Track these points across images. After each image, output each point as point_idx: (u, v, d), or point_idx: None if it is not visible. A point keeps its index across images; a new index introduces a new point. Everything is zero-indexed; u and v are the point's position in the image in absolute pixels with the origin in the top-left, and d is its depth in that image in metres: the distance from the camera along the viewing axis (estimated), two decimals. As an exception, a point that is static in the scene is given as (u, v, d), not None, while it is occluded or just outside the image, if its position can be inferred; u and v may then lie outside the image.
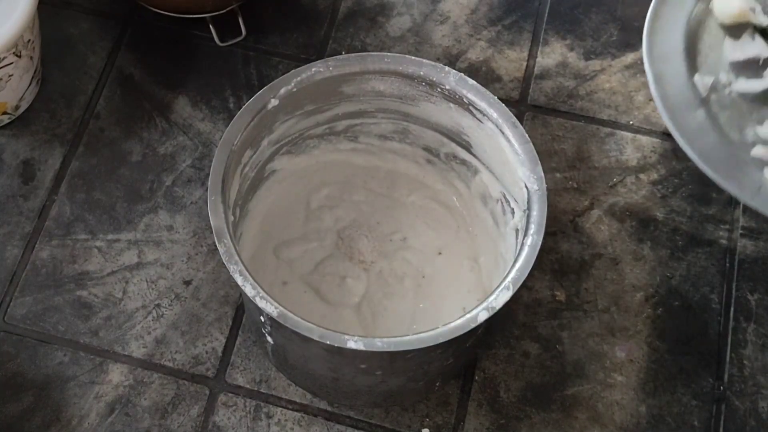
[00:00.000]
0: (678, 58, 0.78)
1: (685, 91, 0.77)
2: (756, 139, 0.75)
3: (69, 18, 0.92)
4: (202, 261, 0.81)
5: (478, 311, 0.62)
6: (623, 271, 0.80)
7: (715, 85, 0.77)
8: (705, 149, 0.74)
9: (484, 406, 0.75)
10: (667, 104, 0.75)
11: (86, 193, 0.84)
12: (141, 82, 0.89)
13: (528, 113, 0.87)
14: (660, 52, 0.78)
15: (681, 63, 0.78)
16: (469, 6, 0.92)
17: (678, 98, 0.76)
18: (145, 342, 0.78)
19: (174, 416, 0.75)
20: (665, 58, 0.78)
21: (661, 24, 0.79)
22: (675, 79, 0.77)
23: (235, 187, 0.69)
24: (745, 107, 0.77)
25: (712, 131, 0.75)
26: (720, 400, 0.76)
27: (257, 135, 0.70)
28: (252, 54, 0.90)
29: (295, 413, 0.75)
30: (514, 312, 0.79)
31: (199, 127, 0.87)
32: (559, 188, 0.84)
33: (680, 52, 0.78)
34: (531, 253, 0.63)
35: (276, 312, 0.61)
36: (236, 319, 0.78)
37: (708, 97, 0.77)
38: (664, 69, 0.77)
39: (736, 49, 0.79)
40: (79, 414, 0.75)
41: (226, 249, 0.63)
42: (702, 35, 0.79)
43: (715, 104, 0.76)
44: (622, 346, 0.78)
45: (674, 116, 0.75)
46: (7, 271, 0.80)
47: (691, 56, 0.78)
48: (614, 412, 0.75)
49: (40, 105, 0.88)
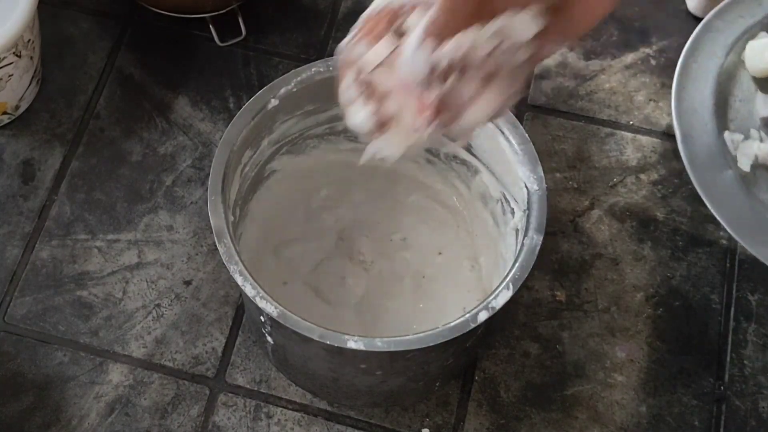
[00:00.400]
0: (707, 113, 0.75)
1: (713, 149, 0.74)
2: None
3: (69, 18, 0.92)
4: (202, 261, 0.81)
5: (478, 311, 0.62)
6: (623, 271, 0.80)
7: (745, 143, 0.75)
8: (734, 212, 0.71)
9: (484, 406, 0.75)
10: (694, 164, 0.72)
11: (86, 193, 0.84)
12: (141, 82, 0.89)
13: (528, 113, 0.87)
14: (688, 106, 0.75)
15: (710, 118, 0.75)
16: (469, 6, 0.92)
17: (706, 157, 0.73)
18: (145, 342, 0.78)
19: (174, 416, 0.75)
20: (694, 113, 0.75)
21: (690, 77, 0.76)
22: (703, 136, 0.74)
23: (235, 187, 0.69)
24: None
25: (741, 193, 0.73)
26: (720, 400, 0.76)
27: (257, 135, 0.70)
28: (252, 54, 0.90)
29: (295, 413, 0.75)
30: (514, 312, 0.79)
31: (199, 127, 0.87)
32: (559, 188, 0.84)
33: (710, 107, 0.76)
34: (531, 253, 0.63)
35: (276, 312, 0.61)
36: (236, 319, 0.78)
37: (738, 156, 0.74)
38: (692, 125, 0.74)
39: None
40: (79, 414, 0.75)
41: (226, 249, 0.63)
42: (733, 89, 0.77)
43: (745, 163, 0.74)
44: (623, 346, 0.78)
45: (702, 177, 0.72)
46: (7, 271, 0.80)
47: (721, 112, 0.76)
48: (614, 412, 0.75)
49: (40, 105, 0.87)
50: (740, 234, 0.71)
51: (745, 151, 0.75)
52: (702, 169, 0.73)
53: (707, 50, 0.78)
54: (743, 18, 0.80)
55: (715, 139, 0.75)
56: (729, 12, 0.80)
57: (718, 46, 0.79)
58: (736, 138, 0.75)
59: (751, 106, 0.77)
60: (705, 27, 0.79)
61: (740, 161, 0.75)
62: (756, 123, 0.76)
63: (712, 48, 0.79)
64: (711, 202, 0.72)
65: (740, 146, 0.75)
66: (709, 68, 0.78)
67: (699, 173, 0.73)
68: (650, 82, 0.88)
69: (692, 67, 0.77)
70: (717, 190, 0.72)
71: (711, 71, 0.77)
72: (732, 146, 0.75)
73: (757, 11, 0.80)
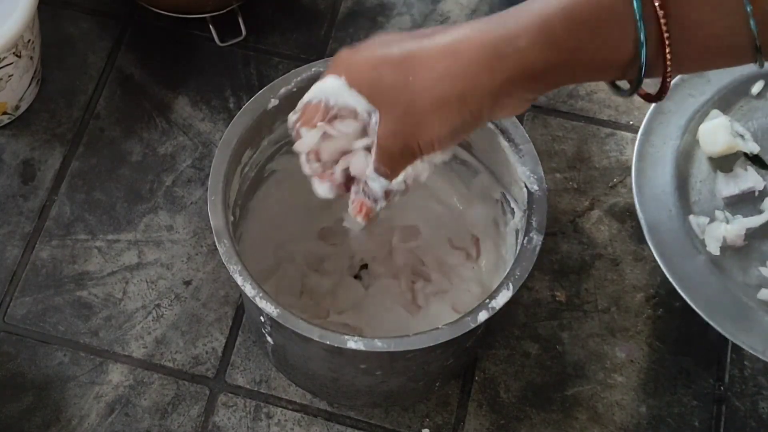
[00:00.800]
0: (669, 199, 0.74)
1: (681, 236, 0.73)
2: (761, 281, 0.72)
3: (69, 18, 0.92)
4: (202, 261, 0.81)
5: (478, 311, 0.62)
6: (623, 271, 0.80)
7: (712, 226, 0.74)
8: (710, 299, 0.70)
9: (484, 406, 0.75)
10: (664, 254, 0.71)
11: (86, 193, 0.84)
12: (141, 82, 0.89)
13: (528, 113, 0.87)
14: (650, 193, 0.74)
15: (674, 204, 0.74)
16: (469, 6, 0.92)
17: (675, 245, 0.72)
18: (145, 342, 0.78)
19: (174, 416, 0.75)
20: (656, 199, 0.74)
21: (648, 162, 0.75)
22: (669, 223, 0.73)
23: (235, 187, 0.69)
24: (746, 247, 0.74)
25: (714, 277, 0.72)
26: (720, 400, 0.76)
27: (257, 135, 0.70)
28: (252, 54, 0.90)
29: (295, 413, 0.75)
30: (514, 312, 0.79)
31: (199, 127, 0.87)
32: (560, 188, 0.84)
33: (671, 192, 0.75)
34: (531, 253, 0.63)
35: (276, 312, 0.61)
36: (236, 319, 0.78)
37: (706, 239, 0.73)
38: (656, 213, 0.73)
39: (729, 184, 0.76)
40: (79, 414, 0.75)
41: (226, 249, 0.63)
42: (692, 170, 0.76)
43: (714, 246, 0.73)
44: (623, 346, 0.78)
45: (673, 266, 0.71)
46: (7, 271, 0.80)
47: (683, 195, 0.75)
48: (614, 412, 0.75)
49: (40, 105, 0.87)
50: (719, 322, 0.69)
51: (713, 234, 0.74)
52: (672, 257, 0.71)
53: (661, 134, 0.77)
54: (693, 97, 0.78)
55: (681, 224, 0.74)
56: (678, 92, 0.78)
57: (671, 129, 0.78)
58: (702, 221, 0.74)
59: (712, 186, 0.76)
60: (656, 110, 0.78)
61: (709, 245, 0.74)
62: (719, 204, 0.75)
63: (666, 131, 0.77)
64: (686, 292, 0.70)
65: (707, 229, 0.74)
66: (665, 152, 0.76)
67: (669, 263, 0.71)
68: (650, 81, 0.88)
69: (649, 152, 0.76)
70: (690, 278, 0.71)
71: (668, 155, 0.76)
72: (699, 230, 0.74)
73: (706, 88, 0.79)
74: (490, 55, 0.51)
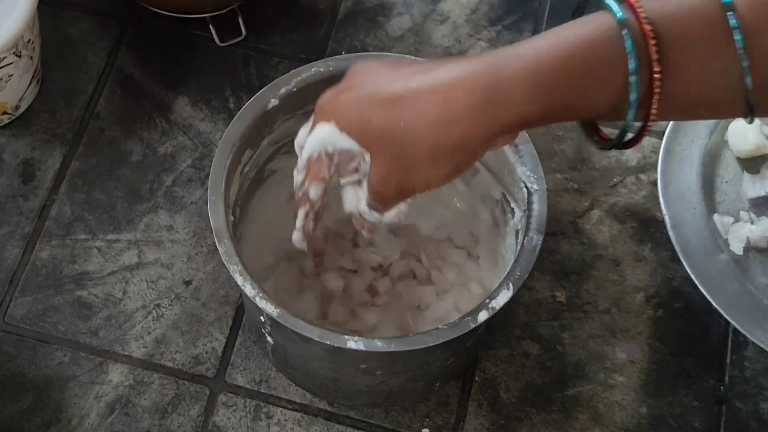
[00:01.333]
0: (695, 197, 0.74)
1: (704, 234, 0.73)
2: None
3: (69, 18, 0.92)
4: (202, 261, 0.81)
5: (478, 311, 0.61)
6: (624, 271, 0.80)
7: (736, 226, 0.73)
8: (730, 298, 0.70)
9: (484, 406, 0.75)
10: (686, 251, 0.71)
11: (86, 193, 0.84)
12: (141, 82, 0.89)
13: (528, 113, 0.87)
14: (675, 191, 0.74)
15: (699, 202, 0.74)
16: (469, 6, 0.92)
17: (698, 242, 0.72)
18: (145, 342, 0.77)
19: (174, 416, 0.75)
20: (681, 197, 0.74)
21: (675, 160, 0.75)
22: (693, 221, 0.73)
23: (235, 187, 0.69)
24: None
25: (735, 277, 0.71)
26: (721, 401, 0.76)
27: (257, 135, 0.70)
28: (252, 54, 0.90)
29: (295, 413, 0.75)
30: (515, 312, 0.78)
31: (199, 127, 0.86)
32: (560, 189, 0.84)
33: (697, 191, 0.74)
34: (531, 253, 0.63)
35: (276, 312, 0.61)
36: (236, 319, 0.78)
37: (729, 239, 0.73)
38: (681, 210, 0.73)
39: (755, 185, 0.75)
40: (79, 414, 0.75)
41: (226, 249, 0.63)
42: (718, 170, 0.76)
43: (737, 246, 0.73)
44: (623, 347, 0.77)
45: (695, 264, 0.71)
46: (7, 271, 0.80)
47: (709, 194, 0.74)
48: (615, 412, 0.75)
49: (40, 105, 0.87)
50: (738, 321, 0.69)
51: (737, 234, 0.74)
52: (694, 255, 0.71)
53: (690, 132, 0.77)
54: None
55: (705, 223, 0.73)
56: None
57: (700, 128, 0.77)
58: (726, 221, 0.74)
59: (738, 187, 0.76)
60: None
61: (732, 245, 0.73)
62: (744, 204, 0.75)
63: (694, 130, 0.77)
64: (706, 289, 0.70)
65: (731, 229, 0.74)
66: (693, 151, 0.76)
67: (691, 260, 0.71)
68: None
69: (676, 150, 0.76)
70: (711, 276, 0.71)
71: (695, 154, 0.76)
72: (723, 229, 0.74)
73: None
74: (484, 103, 0.50)
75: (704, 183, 0.75)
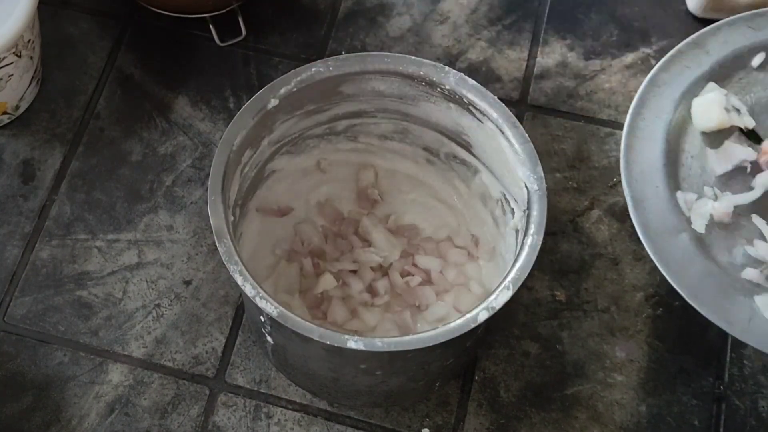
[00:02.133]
0: (658, 174, 0.72)
1: (666, 212, 0.70)
2: (746, 260, 0.70)
3: (69, 18, 0.92)
4: (202, 261, 0.81)
5: (478, 311, 0.62)
6: (623, 271, 0.80)
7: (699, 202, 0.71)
8: (691, 278, 0.68)
9: (484, 406, 0.75)
10: (648, 231, 0.69)
11: (86, 193, 0.84)
12: (141, 82, 0.89)
13: (528, 113, 0.87)
14: (638, 169, 0.72)
15: (662, 180, 0.71)
16: (469, 6, 0.92)
17: (660, 222, 0.70)
18: (145, 342, 0.78)
19: (174, 416, 0.75)
20: (644, 176, 0.72)
21: (638, 137, 0.73)
22: (656, 200, 0.71)
23: (235, 187, 0.69)
24: (733, 225, 0.71)
25: (697, 256, 0.69)
26: (720, 399, 0.76)
27: (257, 135, 0.70)
28: (252, 54, 0.90)
29: (295, 413, 0.75)
30: (514, 312, 0.79)
31: (199, 127, 0.87)
32: (559, 188, 0.84)
33: (660, 168, 0.72)
34: (531, 253, 0.63)
35: (276, 312, 0.61)
36: (236, 319, 0.78)
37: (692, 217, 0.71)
38: (643, 189, 0.71)
39: (721, 160, 0.73)
40: (79, 414, 0.75)
41: (226, 249, 0.63)
42: (683, 145, 0.73)
43: (699, 224, 0.71)
44: (622, 345, 0.78)
45: (656, 244, 0.69)
46: (7, 271, 0.80)
47: (673, 171, 0.72)
48: (614, 411, 0.75)
49: (40, 105, 0.88)
50: (699, 303, 0.67)
51: (699, 211, 0.72)
52: (656, 235, 0.69)
53: (654, 107, 0.74)
54: (689, 69, 0.75)
55: (667, 201, 0.71)
56: (674, 63, 0.75)
57: (665, 102, 0.75)
58: (690, 198, 0.72)
59: (703, 161, 0.73)
60: (651, 82, 0.75)
61: (695, 222, 0.71)
62: (709, 179, 0.73)
63: (659, 104, 0.74)
64: (667, 271, 0.68)
65: (694, 206, 0.72)
66: (657, 126, 0.74)
67: (653, 241, 0.69)
68: (650, 82, 0.88)
69: (640, 126, 0.73)
70: (673, 257, 0.69)
71: (659, 129, 0.74)
72: (685, 207, 0.71)
73: (704, 60, 0.75)
74: None
75: (668, 160, 0.73)
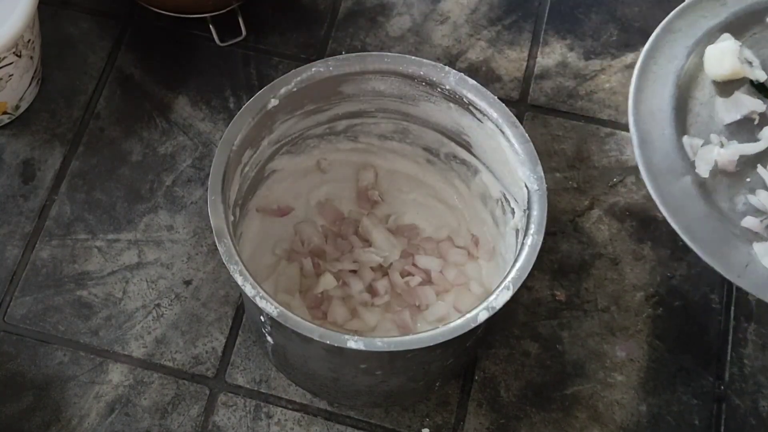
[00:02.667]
0: (666, 117, 0.72)
1: (671, 154, 0.71)
2: (747, 208, 0.70)
3: (69, 18, 0.92)
4: (202, 261, 0.81)
5: (478, 311, 0.62)
6: (623, 270, 0.80)
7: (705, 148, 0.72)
8: (690, 220, 0.68)
9: (484, 405, 0.75)
10: (650, 169, 0.69)
11: (86, 193, 0.84)
12: (141, 82, 0.89)
13: (528, 113, 0.87)
14: (647, 110, 0.72)
15: (669, 123, 0.72)
16: (469, 6, 0.92)
17: (664, 163, 0.70)
18: (145, 342, 0.78)
19: (174, 416, 0.75)
20: (652, 117, 0.72)
21: (649, 80, 0.73)
22: (661, 141, 0.71)
23: (235, 187, 0.69)
24: (737, 173, 0.71)
25: (699, 200, 0.69)
26: (720, 398, 0.76)
27: (257, 135, 0.70)
28: (252, 54, 0.90)
29: (295, 413, 0.75)
30: (514, 312, 0.79)
31: (199, 127, 0.87)
32: (559, 188, 0.84)
33: (668, 111, 0.72)
34: (531, 253, 0.63)
35: (276, 312, 0.61)
36: (236, 319, 0.78)
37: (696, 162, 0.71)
38: (650, 129, 0.71)
39: (729, 108, 0.73)
40: (79, 414, 0.75)
41: (226, 249, 0.63)
42: (693, 92, 0.74)
43: (703, 169, 0.71)
44: (623, 345, 0.78)
45: (658, 183, 0.69)
46: (7, 271, 0.80)
47: (681, 116, 0.73)
48: (614, 411, 0.75)
49: (40, 105, 0.88)
50: (696, 243, 0.67)
51: (705, 157, 0.72)
52: (658, 174, 0.69)
53: (667, 53, 0.75)
54: (705, 18, 0.76)
55: (673, 144, 0.71)
56: (691, 12, 0.76)
57: (678, 48, 0.75)
58: (696, 143, 0.72)
59: (712, 109, 0.74)
60: (665, 28, 0.75)
61: (699, 167, 0.72)
62: (717, 127, 0.73)
63: (672, 50, 0.75)
64: (666, 210, 0.68)
65: (699, 152, 0.72)
66: (669, 71, 0.74)
67: (655, 179, 0.69)
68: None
69: (652, 69, 0.74)
70: (673, 197, 0.69)
71: (671, 74, 0.74)
72: (691, 151, 0.71)
73: (721, 11, 0.76)
74: None
75: (677, 104, 0.73)
